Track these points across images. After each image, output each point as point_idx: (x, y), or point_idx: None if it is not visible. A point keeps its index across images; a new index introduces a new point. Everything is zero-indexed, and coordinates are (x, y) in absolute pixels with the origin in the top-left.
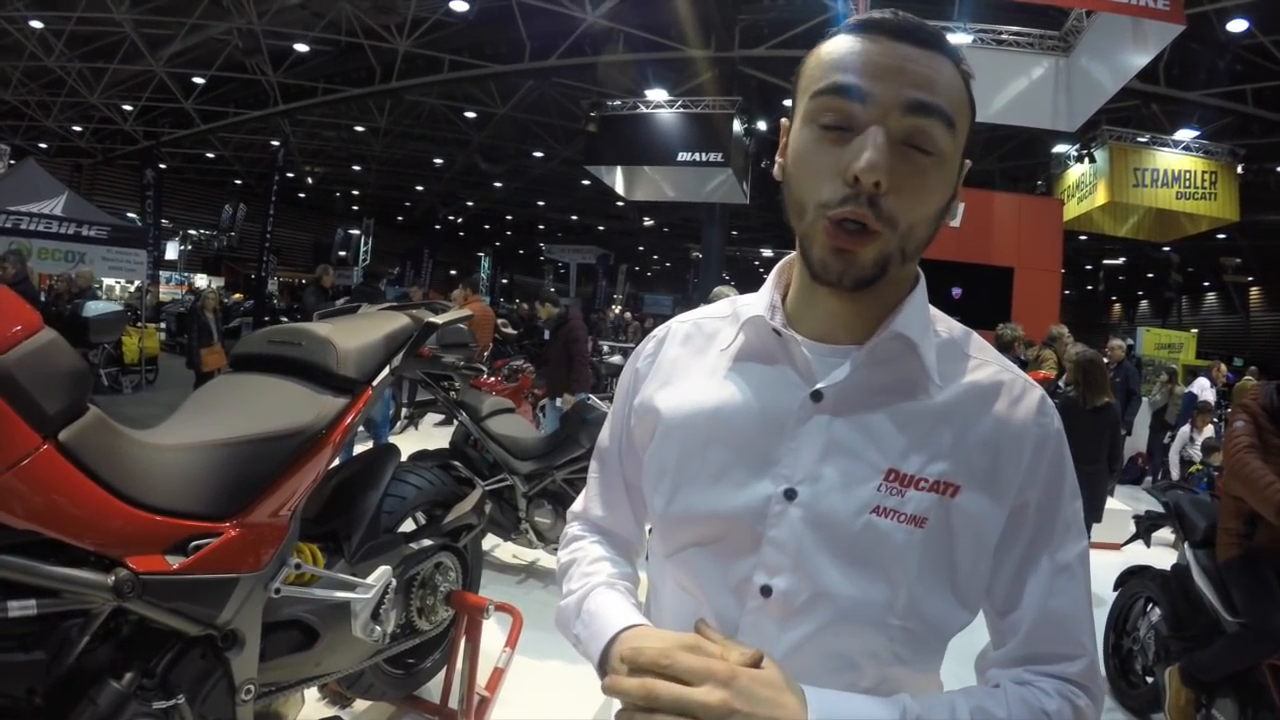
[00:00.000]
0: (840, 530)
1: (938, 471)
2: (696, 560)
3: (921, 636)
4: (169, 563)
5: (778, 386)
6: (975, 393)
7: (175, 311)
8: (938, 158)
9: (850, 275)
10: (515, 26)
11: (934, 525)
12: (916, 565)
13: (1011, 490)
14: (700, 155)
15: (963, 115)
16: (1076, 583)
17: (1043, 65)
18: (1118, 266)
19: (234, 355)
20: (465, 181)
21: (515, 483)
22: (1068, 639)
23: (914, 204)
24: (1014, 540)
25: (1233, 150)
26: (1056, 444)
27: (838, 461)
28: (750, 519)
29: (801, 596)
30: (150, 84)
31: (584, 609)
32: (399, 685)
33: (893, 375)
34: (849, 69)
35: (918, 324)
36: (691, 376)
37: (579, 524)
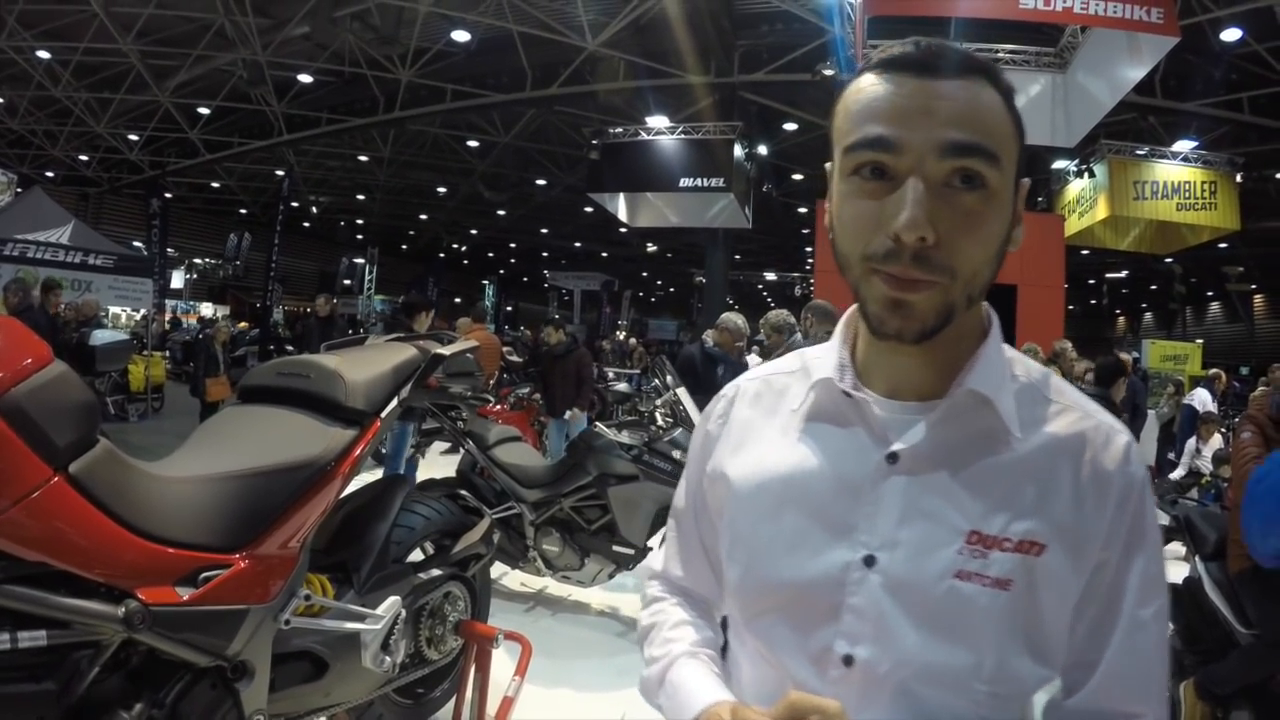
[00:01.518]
0: (923, 596)
1: (1021, 531)
2: (775, 629)
3: (1006, 698)
4: (179, 594)
5: (852, 449)
6: (1058, 442)
7: (181, 340)
8: (987, 193)
9: (910, 329)
10: (516, 56)
11: (1019, 587)
12: (1002, 629)
13: (1095, 545)
14: (702, 181)
15: (1007, 140)
16: (1150, 639)
17: (1040, 82)
18: (1121, 280)
19: (242, 387)
20: (469, 210)
21: (523, 511)
22: (1134, 694)
23: (970, 248)
24: (1095, 593)
25: (1231, 159)
26: (1140, 494)
27: (917, 525)
28: (829, 587)
29: (884, 665)
30: (156, 114)
31: (667, 679)
32: (408, 715)
33: (970, 431)
34: (877, 117)
35: (994, 375)
36: (763, 440)
37: (659, 584)
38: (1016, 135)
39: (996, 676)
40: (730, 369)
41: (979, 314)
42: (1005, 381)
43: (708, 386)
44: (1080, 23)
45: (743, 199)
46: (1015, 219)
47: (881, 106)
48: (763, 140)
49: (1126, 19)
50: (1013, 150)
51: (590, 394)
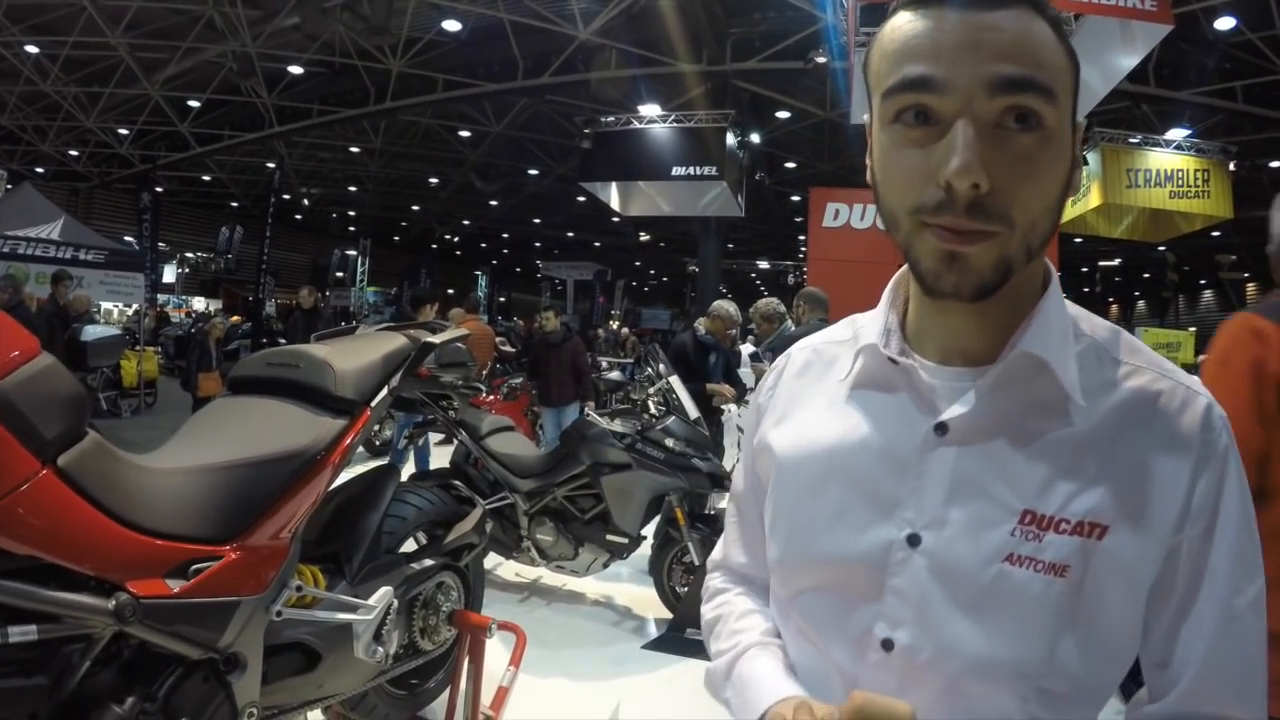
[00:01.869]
0: (969, 581)
1: (1082, 510)
2: (816, 606)
3: (1064, 697)
4: (169, 586)
5: (899, 419)
6: (1126, 409)
7: (173, 335)
8: (1044, 134)
9: (968, 283)
10: (508, 45)
11: (1077, 573)
12: (1057, 619)
13: (1169, 524)
14: (694, 169)
15: (1063, 74)
16: (1248, 633)
17: None
18: (1114, 268)
19: (232, 378)
20: (461, 200)
21: (516, 501)
22: (1230, 696)
23: (1029, 194)
24: (1173, 580)
25: (1224, 148)
26: (1223, 464)
27: (966, 503)
28: (871, 566)
29: (925, 653)
30: (146, 108)
31: (735, 672)
32: (403, 706)
33: (1027, 398)
34: (917, 55)
35: (1053, 336)
36: (809, 410)
37: (720, 575)
38: (1072, 69)
39: (1048, 671)
40: (722, 357)
41: (1038, 269)
42: (1066, 342)
43: (700, 374)
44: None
45: (735, 187)
46: (1075, 162)
47: (922, 43)
48: (755, 129)
49: (1120, 6)
50: (1069, 85)
51: (590, 383)
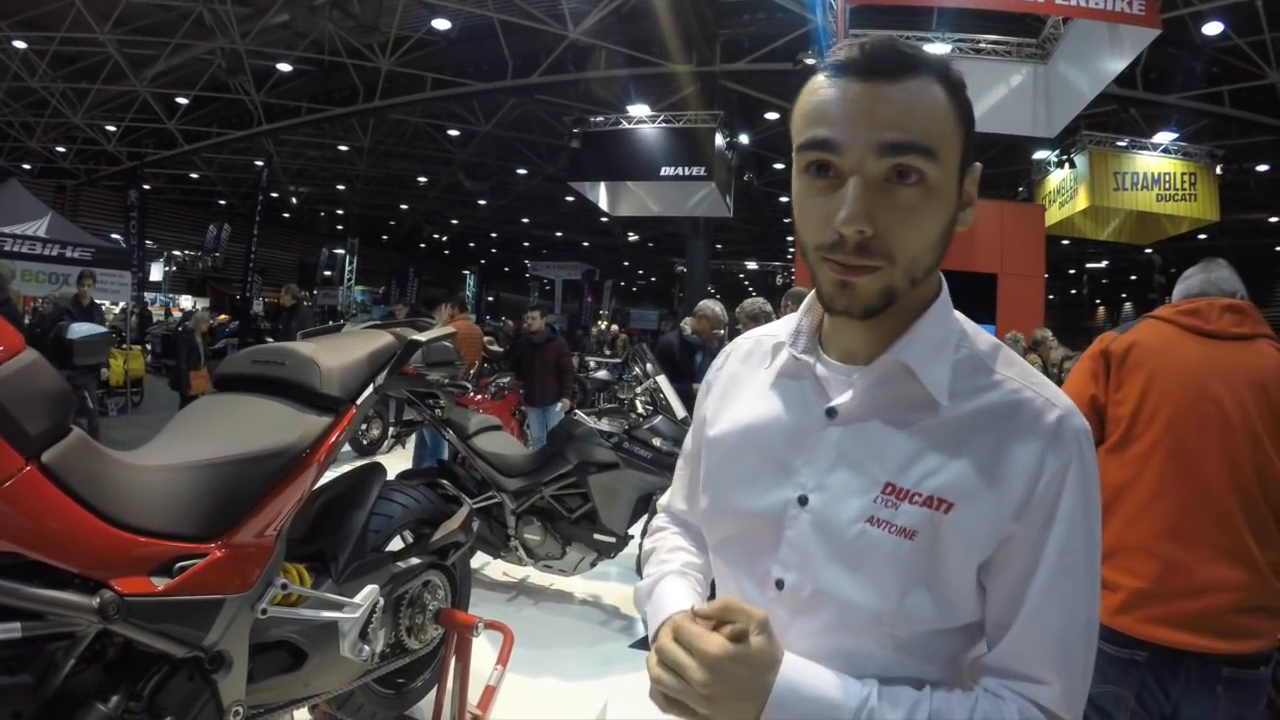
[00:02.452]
0: (839, 535)
1: (932, 487)
2: (731, 552)
3: (912, 643)
4: (154, 584)
5: (801, 403)
6: (988, 410)
7: (160, 333)
8: (924, 187)
9: (856, 306)
10: (497, 44)
11: (923, 539)
12: (904, 574)
13: (1009, 511)
14: (683, 170)
15: (946, 135)
16: (1067, 612)
17: (1021, 73)
18: (1101, 270)
19: (218, 375)
20: (449, 200)
21: (504, 500)
22: (1042, 661)
23: (909, 237)
24: (1010, 559)
25: (1211, 151)
26: (1064, 470)
27: (843, 473)
28: (772, 520)
29: (805, 592)
30: (134, 105)
31: (654, 592)
32: (390, 705)
33: (899, 395)
34: (823, 120)
35: (924, 346)
36: (742, 391)
37: (664, 516)
38: (960, 127)
39: (899, 619)
40: (708, 356)
41: (929, 290)
42: (939, 352)
43: (686, 374)
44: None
45: (724, 188)
46: (964, 202)
47: (828, 110)
48: (744, 129)
49: (1108, 10)
50: (955, 142)
51: (572, 383)
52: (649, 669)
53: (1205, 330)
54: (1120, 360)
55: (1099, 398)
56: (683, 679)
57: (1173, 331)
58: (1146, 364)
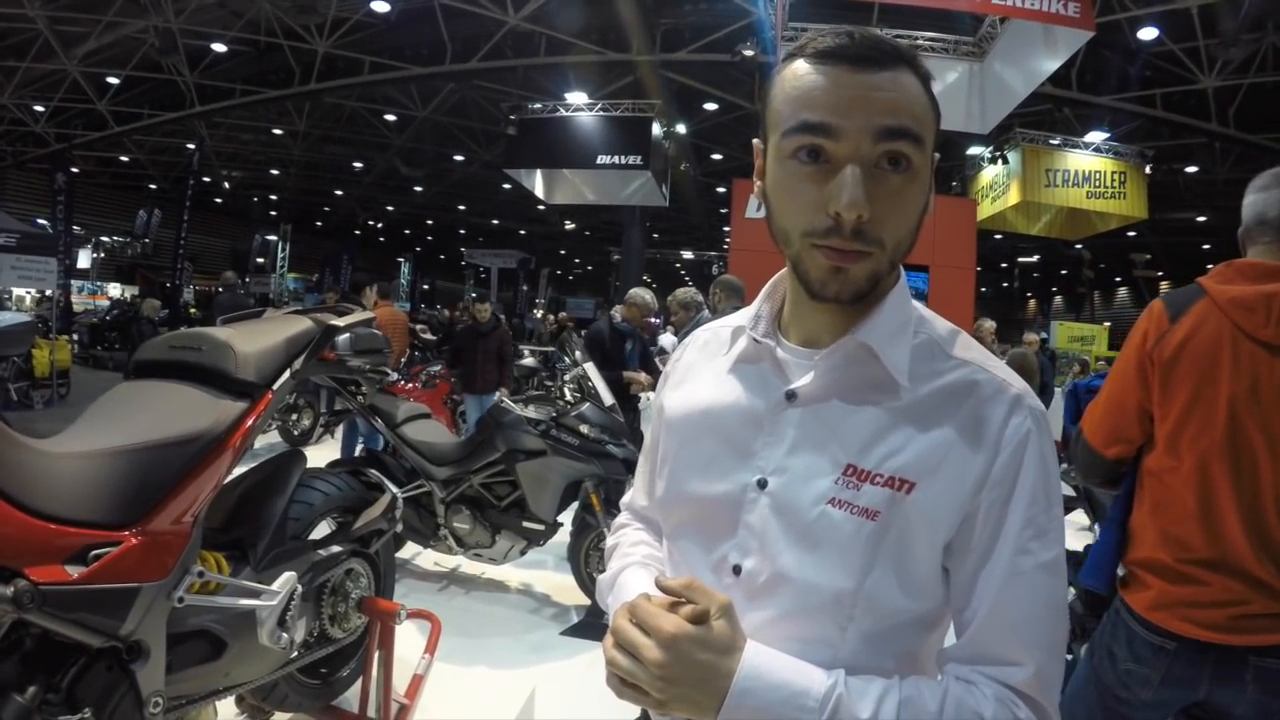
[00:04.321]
0: (799, 518)
1: (894, 467)
2: (686, 540)
3: (874, 627)
4: (69, 573)
5: (760, 387)
6: (944, 392)
7: (88, 323)
8: (911, 173)
9: (848, 290)
10: (437, 28)
11: (886, 519)
12: (867, 555)
13: (968, 489)
14: (619, 158)
15: (929, 123)
16: (1033, 590)
17: (957, 70)
18: (1032, 264)
19: (135, 361)
20: (385, 186)
21: (433, 488)
22: (1013, 644)
23: (897, 222)
24: (971, 538)
25: (1141, 152)
26: (1021, 447)
27: (803, 455)
28: (730, 504)
29: (763, 576)
30: (63, 84)
31: (616, 583)
32: (316, 696)
33: (859, 376)
34: (816, 106)
35: (885, 329)
36: (699, 379)
37: (626, 513)
38: (935, 118)
39: (860, 601)
40: (639, 344)
41: (892, 280)
42: (899, 335)
43: (617, 362)
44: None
45: (660, 177)
46: (930, 189)
47: (819, 96)
48: (682, 119)
49: (1044, 11)
50: (932, 131)
51: (511, 372)
52: (604, 652)
53: (1259, 339)
54: (1165, 368)
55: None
56: (638, 660)
57: (1227, 329)
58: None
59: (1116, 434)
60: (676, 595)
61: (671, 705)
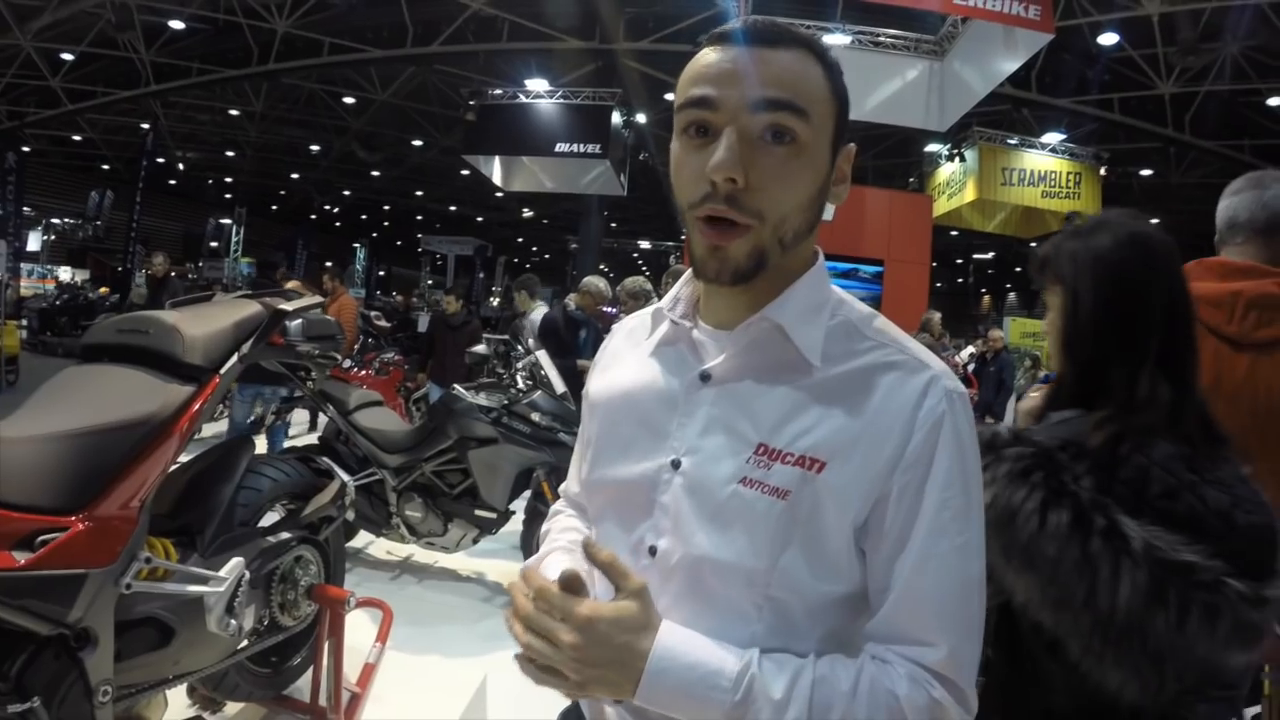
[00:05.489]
0: (711, 497)
1: (805, 447)
2: (609, 522)
3: (790, 606)
4: (15, 559)
5: (676, 368)
6: (860, 373)
7: (38, 307)
8: (796, 146)
9: (726, 270)
10: (398, 10)
11: (796, 498)
12: (778, 534)
13: (882, 470)
14: (578, 146)
15: (820, 102)
16: (947, 572)
17: (917, 68)
18: (987, 260)
19: (83, 345)
20: (342, 170)
21: (385, 476)
22: (925, 623)
23: (779, 194)
24: (886, 522)
25: (1097, 154)
26: (936, 428)
27: (716, 435)
28: (646, 486)
29: (676, 555)
30: (16, 60)
31: (540, 567)
32: (267, 685)
33: (772, 357)
34: (703, 80)
35: (797, 309)
36: (623, 364)
37: (562, 501)
38: (834, 101)
39: (772, 580)
40: (592, 332)
41: (803, 258)
42: (813, 316)
43: (571, 350)
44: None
45: (619, 166)
46: (838, 178)
47: (709, 71)
48: (644, 109)
49: (1005, 13)
50: (828, 112)
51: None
52: (516, 637)
53: (1226, 334)
54: None
55: None
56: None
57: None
58: None
59: None
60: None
61: (589, 687)
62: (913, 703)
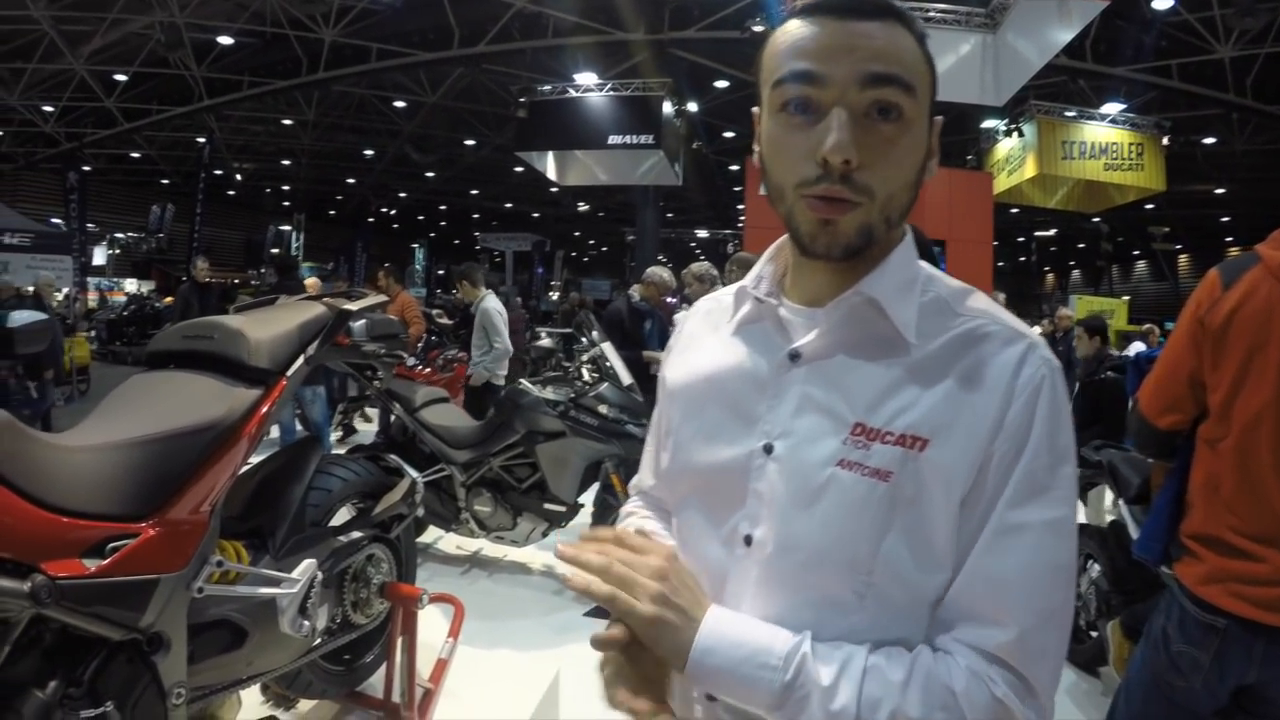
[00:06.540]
0: (807, 482)
1: (905, 425)
2: (694, 511)
3: (893, 596)
4: (86, 566)
5: (763, 348)
6: (954, 346)
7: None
8: (903, 123)
9: (837, 245)
10: (443, 12)
11: (900, 479)
12: (880, 518)
13: (980, 442)
14: (631, 138)
15: (921, 76)
16: (1026, 547)
17: (970, 41)
18: (1049, 238)
19: (149, 352)
20: (397, 172)
21: (453, 472)
22: (996, 601)
23: (888, 172)
24: (978, 495)
25: (1158, 123)
26: (1034, 396)
27: (809, 417)
28: (737, 472)
29: (772, 545)
30: (71, 83)
31: None
32: (340, 682)
33: (865, 333)
34: (803, 54)
35: (891, 283)
36: (702, 348)
37: (635, 498)
38: (929, 73)
39: (874, 567)
40: (657, 323)
41: (896, 236)
42: (908, 292)
43: (636, 341)
44: None
45: (673, 156)
46: (930, 151)
47: (807, 45)
48: (694, 97)
49: None
50: (926, 85)
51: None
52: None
53: None
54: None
55: (1198, 374)
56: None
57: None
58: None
59: (1170, 403)
60: None
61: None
62: (971, 700)
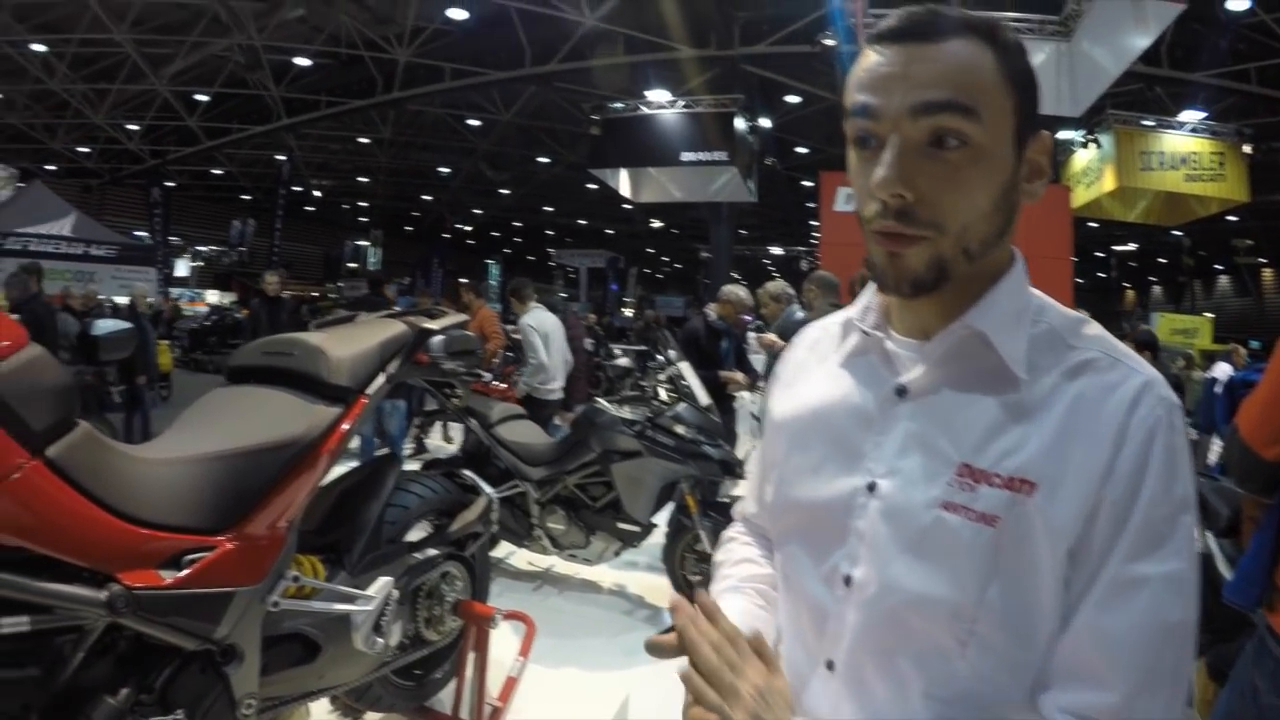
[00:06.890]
0: (911, 524)
1: (1012, 467)
2: (795, 548)
3: (996, 645)
4: (162, 577)
5: (869, 382)
6: (1067, 384)
7: (189, 328)
8: (970, 150)
9: (905, 280)
10: (514, 32)
11: (1007, 525)
12: (985, 564)
13: (1090, 488)
14: (704, 155)
15: (992, 94)
16: (1142, 603)
17: (1044, 51)
18: (1129, 252)
19: (229, 367)
20: (472, 190)
21: (527, 489)
22: (1101, 661)
23: (955, 203)
24: (1087, 544)
25: (1239, 130)
26: (1149, 439)
27: (914, 455)
28: (839, 510)
29: (872, 587)
30: (154, 103)
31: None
32: (409, 696)
33: (974, 368)
34: (863, 86)
35: (998, 315)
36: (808, 379)
37: (738, 523)
38: (1013, 89)
39: (978, 615)
40: (734, 342)
41: (994, 264)
42: (1016, 324)
43: (712, 360)
44: None
45: (745, 172)
46: (1031, 172)
47: (866, 77)
48: (765, 113)
49: None
50: (1003, 103)
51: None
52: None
53: None
54: None
55: None
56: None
57: None
58: None
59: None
60: None
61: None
62: None
